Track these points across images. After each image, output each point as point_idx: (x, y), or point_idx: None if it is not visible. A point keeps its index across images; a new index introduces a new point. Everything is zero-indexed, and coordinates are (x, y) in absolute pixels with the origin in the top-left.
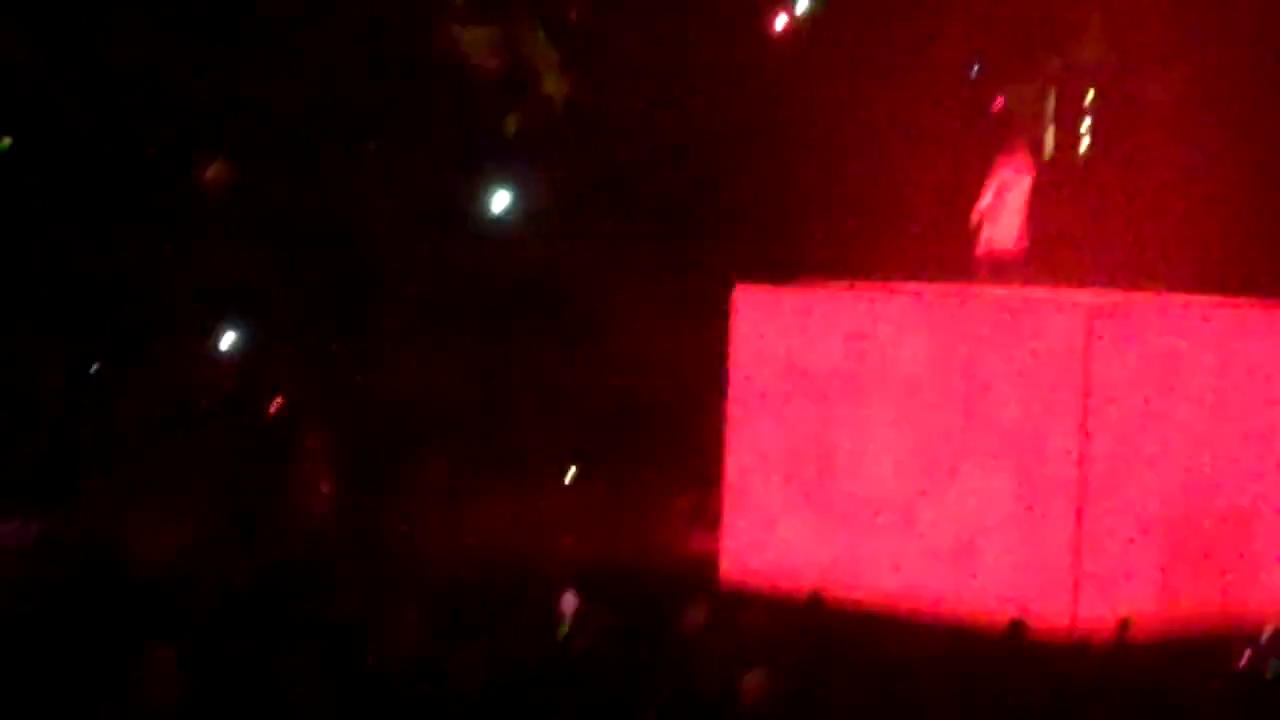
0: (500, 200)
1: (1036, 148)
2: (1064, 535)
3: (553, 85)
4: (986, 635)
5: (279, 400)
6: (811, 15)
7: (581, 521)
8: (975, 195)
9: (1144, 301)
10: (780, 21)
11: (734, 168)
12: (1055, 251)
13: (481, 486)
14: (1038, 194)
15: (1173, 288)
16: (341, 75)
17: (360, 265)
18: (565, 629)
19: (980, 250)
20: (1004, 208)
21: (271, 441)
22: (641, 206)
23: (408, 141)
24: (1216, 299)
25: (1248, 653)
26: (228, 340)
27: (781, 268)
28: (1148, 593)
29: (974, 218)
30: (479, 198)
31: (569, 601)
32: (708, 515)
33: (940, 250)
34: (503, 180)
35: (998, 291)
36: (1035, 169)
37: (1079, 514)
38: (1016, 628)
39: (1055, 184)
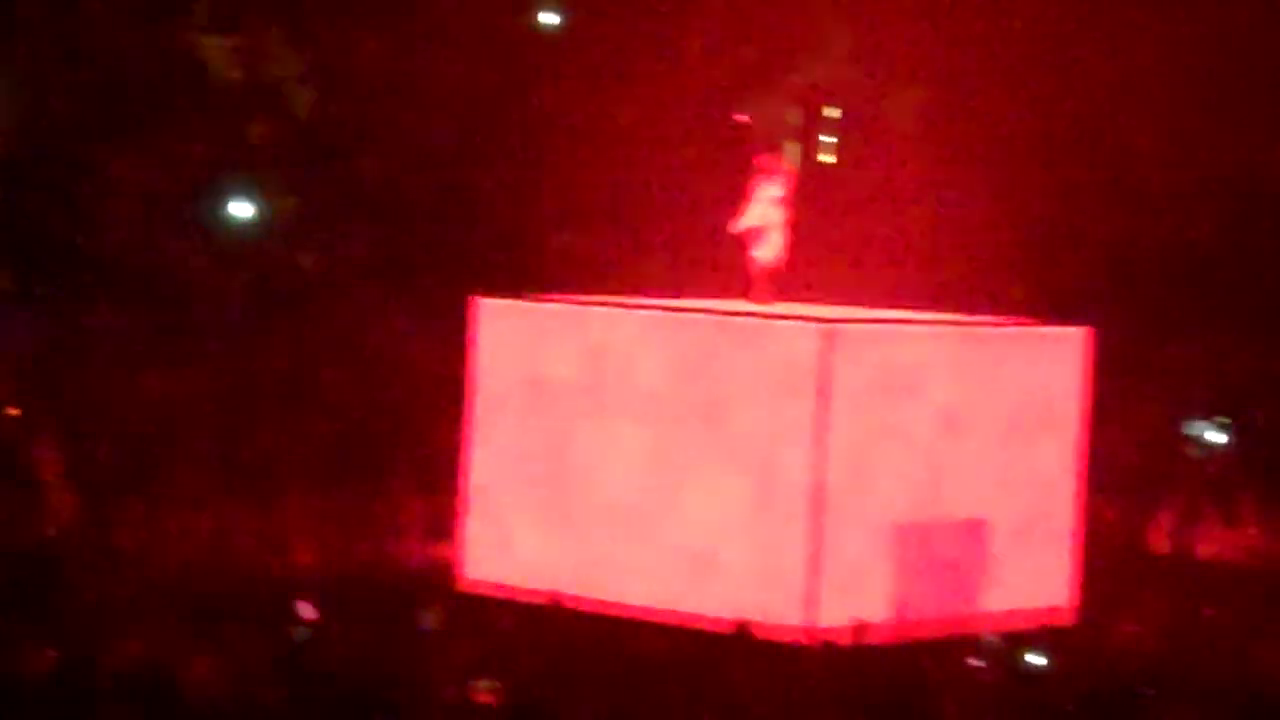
0: (242, 209)
1: (779, 164)
2: (800, 543)
3: (295, 95)
4: (723, 639)
5: (9, 411)
6: (557, 29)
7: (322, 529)
8: (718, 209)
9: (881, 318)
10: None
11: (478, 180)
12: (799, 266)
13: (222, 494)
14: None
15: (914, 303)
16: (81, 81)
17: (97, 274)
18: (303, 635)
19: (753, 266)
20: (767, 223)
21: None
22: (384, 217)
23: (148, 150)
24: (954, 316)
25: (976, 656)
26: None
27: (524, 280)
28: (882, 598)
29: (739, 233)
30: (221, 207)
31: (306, 609)
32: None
33: (684, 263)
34: (245, 189)
35: (736, 307)
36: (793, 184)
37: (815, 522)
38: (744, 630)
39: (799, 199)
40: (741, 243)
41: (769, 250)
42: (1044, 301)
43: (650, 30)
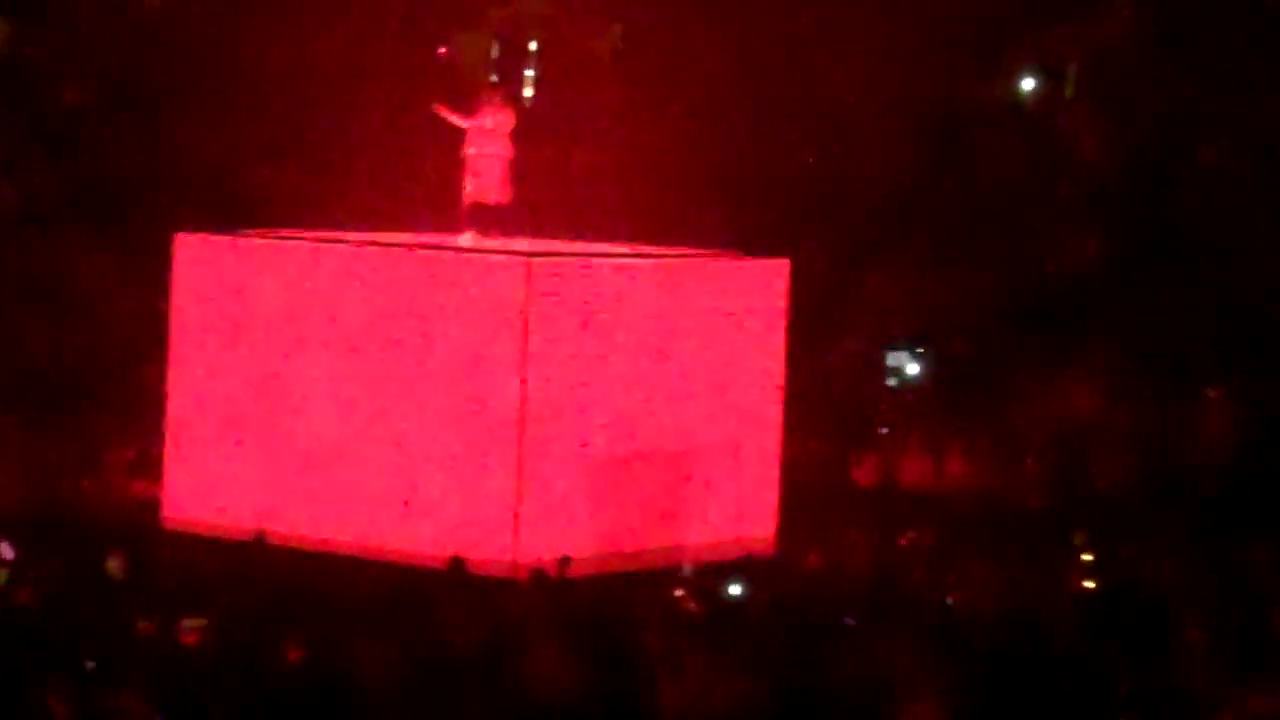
0: None
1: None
2: (505, 477)
3: None
4: (430, 574)
5: None
6: None
7: (23, 469)
8: (421, 143)
9: (583, 251)
10: None
11: (177, 117)
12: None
13: None
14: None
15: (612, 237)
16: None
17: None
18: (2, 576)
19: (467, 200)
20: (486, 159)
21: None
22: (83, 153)
23: None
24: (654, 249)
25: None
26: None
27: (226, 217)
28: (587, 531)
29: (463, 169)
30: None
31: (5, 549)
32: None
33: (387, 198)
34: None
35: (440, 241)
36: (514, 120)
37: (519, 456)
38: (456, 564)
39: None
40: (453, 177)
41: (483, 185)
42: (743, 233)
43: None
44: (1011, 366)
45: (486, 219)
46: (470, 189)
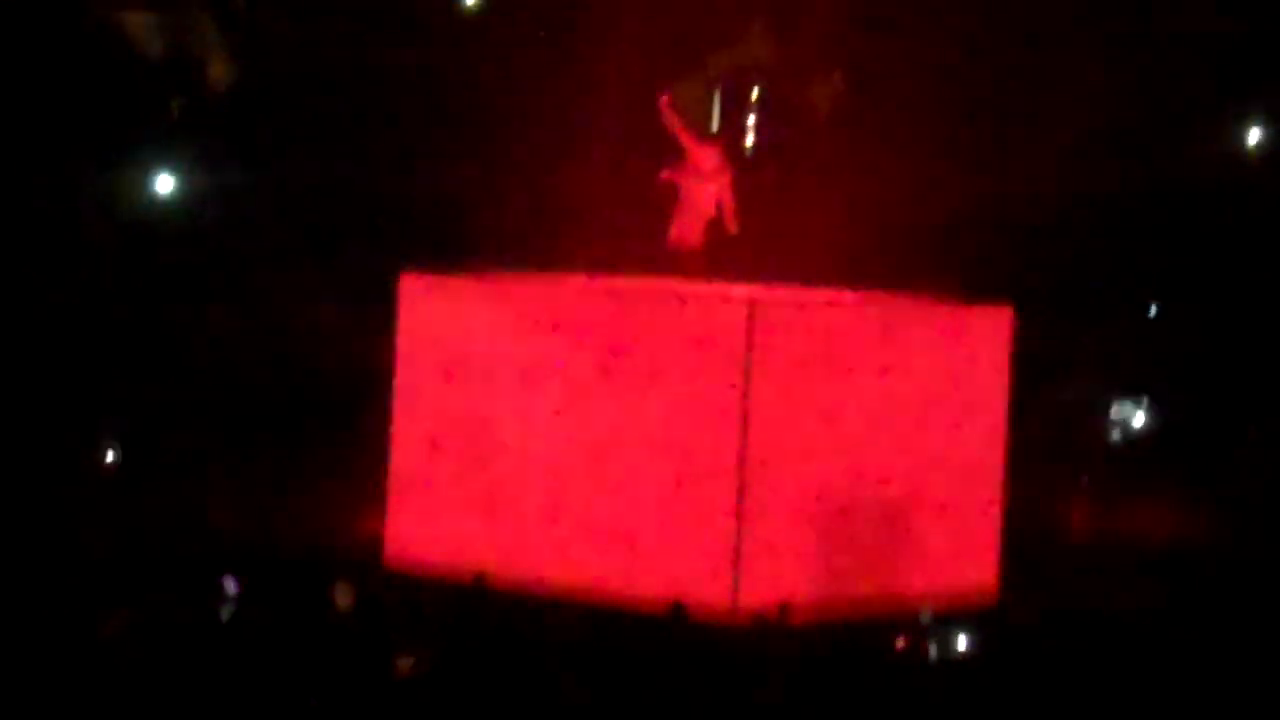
0: (164, 186)
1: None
2: (724, 522)
3: (219, 71)
4: (649, 620)
5: None
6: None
7: (247, 508)
8: (643, 189)
9: (805, 296)
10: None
11: (403, 155)
12: (721, 247)
13: (148, 473)
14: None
15: (834, 283)
16: None
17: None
18: (228, 610)
19: (673, 244)
20: (706, 200)
21: None
22: (309, 194)
23: (67, 127)
24: (876, 294)
25: (903, 637)
26: None
27: (453, 258)
28: (807, 578)
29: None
30: (141, 184)
31: (230, 584)
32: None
33: (609, 243)
34: (166, 167)
35: (662, 284)
36: (727, 168)
37: (739, 501)
38: (677, 610)
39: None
40: (673, 222)
41: (700, 229)
42: (966, 282)
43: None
44: (1237, 419)
45: (706, 262)
46: (689, 231)
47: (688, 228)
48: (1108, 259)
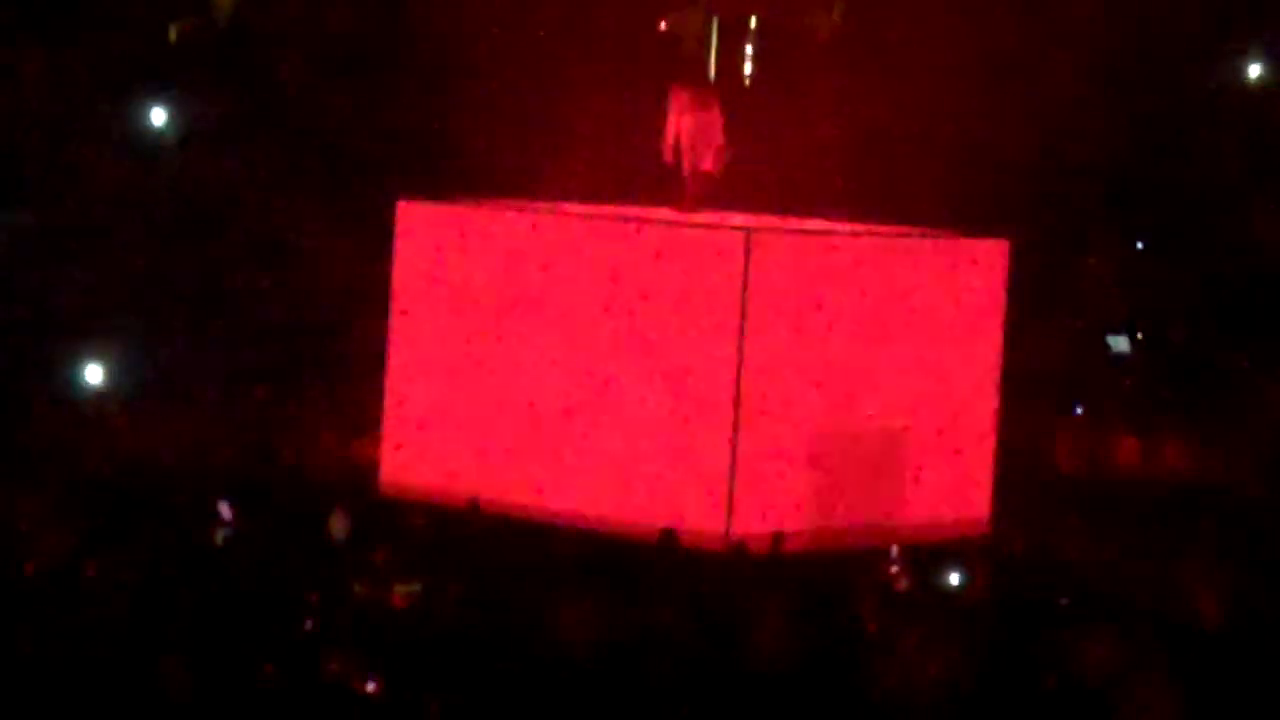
0: (159, 116)
1: (701, 72)
2: (719, 451)
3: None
4: (642, 545)
5: None
6: None
7: (241, 433)
8: (641, 117)
9: (801, 226)
10: None
11: (398, 85)
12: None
13: (144, 398)
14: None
15: (830, 214)
16: None
17: (12, 171)
18: (222, 535)
19: (687, 173)
20: (701, 133)
21: None
22: (304, 124)
23: (59, 51)
24: (872, 226)
25: (892, 567)
26: None
27: (449, 186)
28: (801, 508)
29: (669, 141)
30: (136, 114)
31: (224, 509)
32: None
33: (605, 171)
34: (162, 96)
35: (658, 213)
36: (717, 94)
37: (734, 430)
38: (668, 536)
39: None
40: (670, 151)
41: (701, 159)
42: (963, 213)
43: None
44: (1231, 352)
45: (704, 191)
46: (687, 161)
47: (701, 155)
48: (1105, 193)
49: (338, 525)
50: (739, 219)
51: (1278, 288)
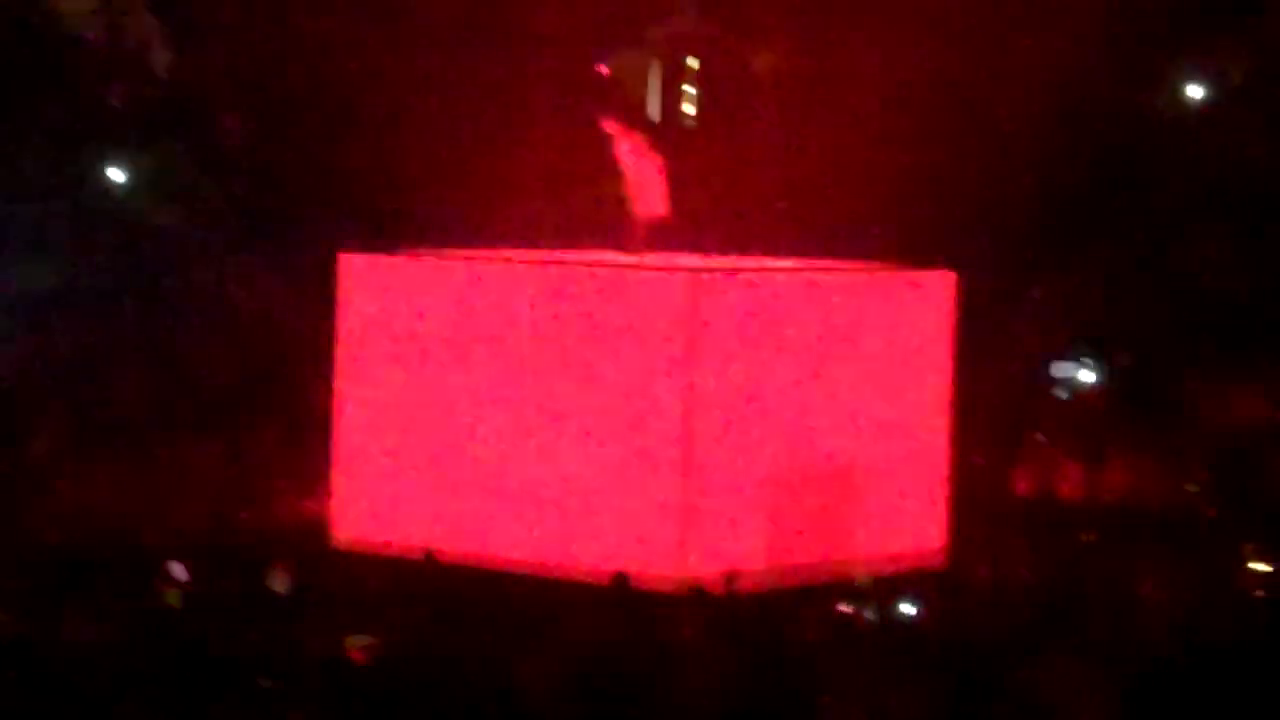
0: (109, 174)
1: (641, 115)
2: (671, 492)
3: (158, 58)
4: (596, 590)
5: None
6: None
7: (194, 488)
8: (580, 162)
9: (747, 266)
10: None
11: (338, 137)
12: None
13: (91, 459)
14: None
15: (776, 253)
16: None
17: None
18: (174, 595)
19: (636, 218)
20: (646, 173)
21: None
22: (246, 177)
23: (6, 112)
24: (818, 263)
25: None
26: None
27: (391, 236)
28: (755, 546)
29: (627, 188)
30: (82, 171)
31: (177, 568)
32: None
33: (547, 216)
34: (108, 154)
35: (603, 257)
36: (651, 136)
37: (685, 472)
38: (620, 580)
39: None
40: (617, 196)
41: (643, 202)
42: (907, 246)
43: None
44: (1179, 377)
45: (648, 234)
46: (631, 204)
47: (647, 200)
48: (1049, 221)
49: (279, 579)
50: (685, 260)
51: (1224, 311)
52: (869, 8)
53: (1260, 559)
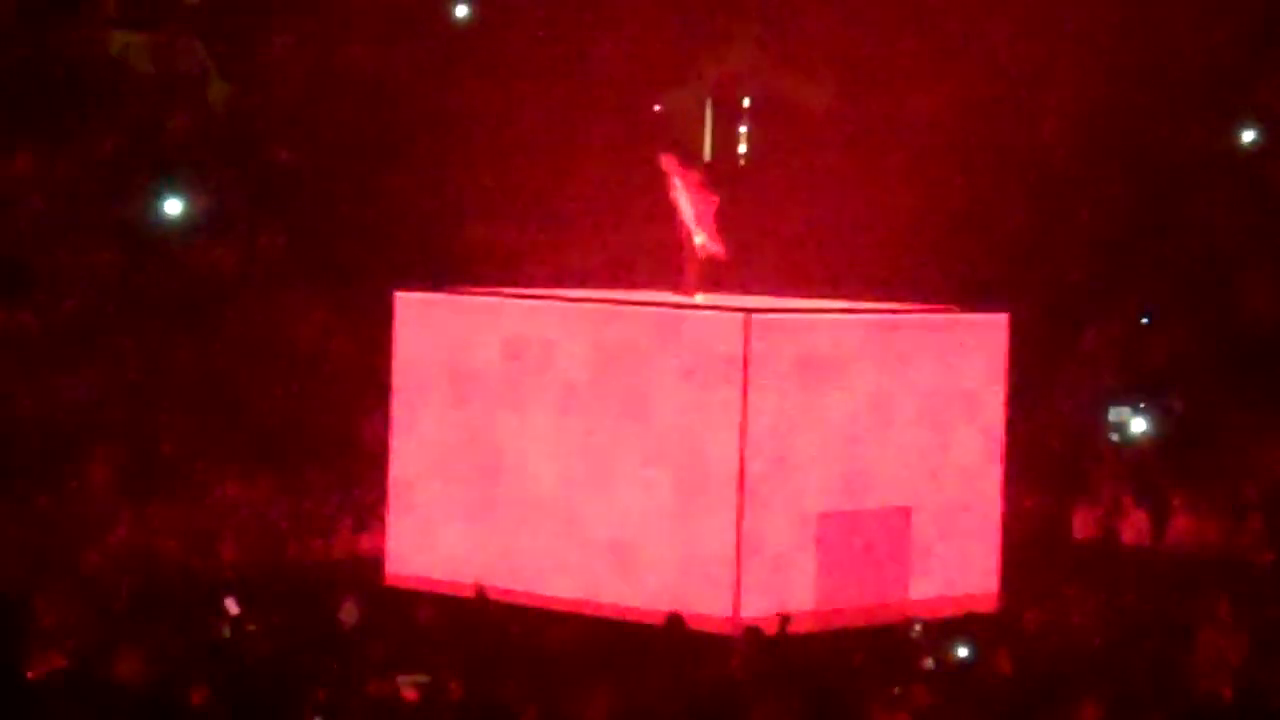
0: (164, 207)
1: (696, 154)
2: (724, 533)
3: (214, 92)
4: (649, 631)
5: None
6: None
7: (249, 524)
8: (635, 200)
9: (801, 307)
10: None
11: (394, 174)
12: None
13: (146, 493)
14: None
15: (830, 294)
16: None
17: (7, 273)
18: (229, 630)
19: (696, 257)
20: (701, 213)
21: None
22: (303, 214)
23: (62, 146)
24: (872, 304)
25: (904, 645)
26: None
27: (443, 274)
28: (808, 588)
29: (682, 227)
30: (138, 204)
31: (232, 604)
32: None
33: (602, 255)
34: (163, 187)
35: (657, 297)
36: (706, 174)
37: (739, 513)
38: (674, 622)
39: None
40: (676, 235)
41: (698, 241)
42: (960, 288)
43: (562, 21)
44: (1234, 421)
45: (703, 273)
46: (686, 243)
47: (701, 239)
48: (1104, 265)
49: (348, 614)
50: (739, 300)
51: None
52: (923, 50)
53: None
